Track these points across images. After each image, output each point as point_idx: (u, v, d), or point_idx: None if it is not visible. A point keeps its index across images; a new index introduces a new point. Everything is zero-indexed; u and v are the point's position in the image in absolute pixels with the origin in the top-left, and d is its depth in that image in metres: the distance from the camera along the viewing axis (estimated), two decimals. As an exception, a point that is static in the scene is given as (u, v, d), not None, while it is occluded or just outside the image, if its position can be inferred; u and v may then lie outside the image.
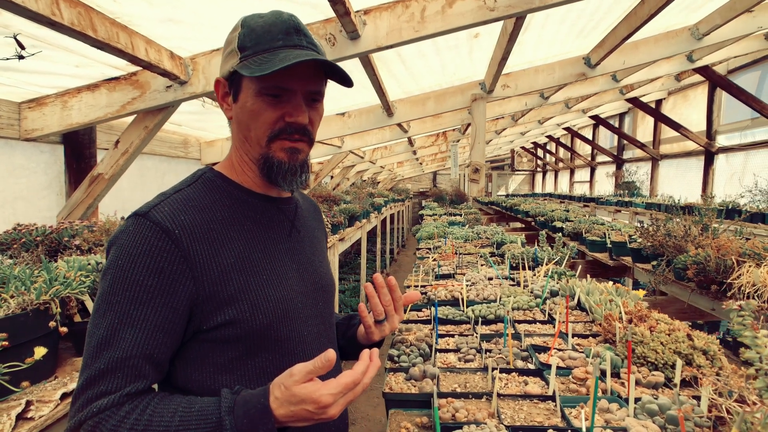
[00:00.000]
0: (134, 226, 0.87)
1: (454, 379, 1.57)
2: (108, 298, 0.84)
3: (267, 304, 0.93)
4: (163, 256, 0.85)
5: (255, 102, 0.94)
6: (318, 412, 0.79)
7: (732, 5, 3.82)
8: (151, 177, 4.30)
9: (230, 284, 0.90)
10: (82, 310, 1.70)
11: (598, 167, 14.13)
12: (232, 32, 0.97)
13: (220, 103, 1.00)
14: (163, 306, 0.84)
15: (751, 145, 7.27)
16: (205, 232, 0.90)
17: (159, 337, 0.84)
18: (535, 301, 2.40)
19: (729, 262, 2.75)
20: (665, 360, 1.53)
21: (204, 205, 0.94)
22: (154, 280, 0.84)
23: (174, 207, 0.90)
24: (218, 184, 0.99)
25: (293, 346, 0.98)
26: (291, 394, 0.79)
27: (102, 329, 0.82)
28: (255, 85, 0.93)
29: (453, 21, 2.43)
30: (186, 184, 0.97)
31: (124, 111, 2.72)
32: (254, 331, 0.91)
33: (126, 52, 2.13)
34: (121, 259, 0.84)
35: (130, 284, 0.83)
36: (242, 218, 0.98)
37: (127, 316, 0.82)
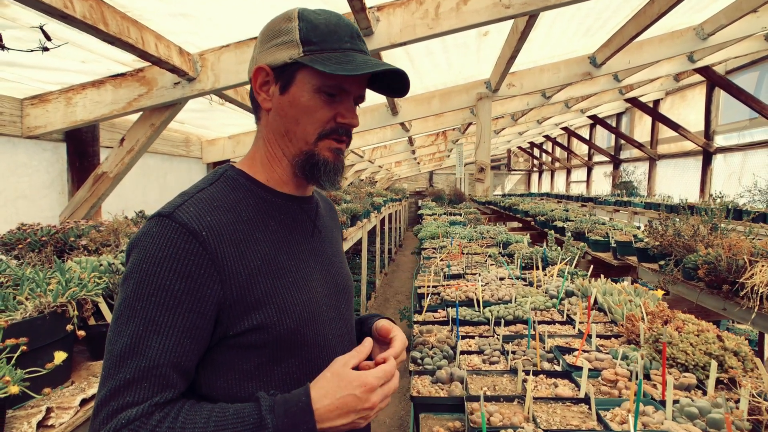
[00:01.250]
0: (158, 228, 0.82)
1: (481, 381, 1.54)
2: (132, 304, 0.79)
3: (294, 308, 0.90)
4: (190, 259, 0.81)
5: (312, 98, 0.91)
6: (363, 398, 0.82)
7: (738, 5, 3.83)
8: (153, 176, 4.23)
9: (257, 288, 0.87)
10: (96, 313, 1.65)
11: (595, 167, 14.19)
12: (282, 22, 0.92)
13: (257, 92, 0.94)
14: (191, 311, 0.81)
15: (749, 146, 7.32)
16: (231, 233, 0.87)
17: (187, 344, 0.81)
18: (551, 302, 2.37)
19: (741, 262, 2.74)
20: (696, 361, 1.51)
21: (228, 205, 0.90)
22: (182, 284, 0.80)
23: (199, 207, 0.86)
24: (241, 182, 0.95)
25: (318, 351, 0.95)
26: (340, 378, 0.82)
27: (126, 337, 0.78)
28: (317, 81, 0.90)
29: (468, 18, 2.40)
30: (208, 183, 0.93)
31: (131, 108, 2.66)
32: (281, 336, 0.88)
33: (136, 47, 2.08)
34: (146, 263, 0.80)
35: (155, 289, 0.79)
36: (267, 218, 0.94)
37: (153, 323, 0.78)
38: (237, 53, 2.58)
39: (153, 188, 4.24)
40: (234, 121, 4.63)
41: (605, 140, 13.38)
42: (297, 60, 0.89)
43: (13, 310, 1.32)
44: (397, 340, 1.01)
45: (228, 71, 2.59)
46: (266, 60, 0.92)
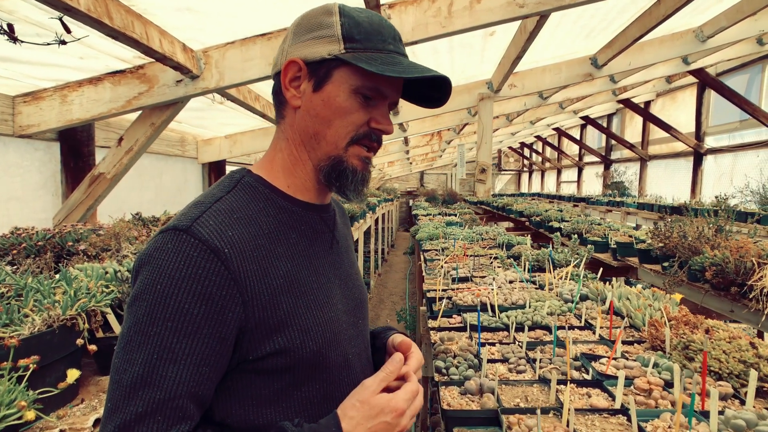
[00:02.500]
0: (175, 244, 0.74)
1: (510, 392, 1.49)
2: (143, 329, 0.71)
3: (317, 329, 0.83)
4: (211, 279, 0.73)
5: (348, 98, 0.84)
6: (395, 423, 0.80)
7: (740, 7, 3.85)
8: (148, 176, 4.11)
9: (280, 308, 0.79)
10: (104, 325, 1.56)
11: (586, 167, 14.32)
12: (320, 15, 0.85)
13: (285, 87, 0.86)
14: (210, 337, 0.73)
15: (739, 147, 7.43)
16: (253, 249, 0.79)
17: (205, 372, 0.73)
18: (566, 306, 2.34)
19: (749, 264, 2.74)
20: (730, 369, 1.47)
21: (249, 217, 0.82)
22: (201, 307, 0.72)
23: (219, 220, 0.78)
24: (260, 190, 0.87)
25: (339, 372, 0.88)
26: (370, 406, 0.78)
27: (137, 365, 0.69)
28: (356, 81, 0.83)
29: (481, 17, 2.35)
30: (224, 191, 0.84)
31: (130, 106, 2.56)
32: (303, 360, 0.81)
33: (141, 42, 1.99)
34: (161, 283, 0.72)
35: (172, 313, 0.71)
36: (288, 230, 0.86)
37: (169, 351, 0.70)
38: (243, 50, 2.49)
39: (148, 189, 4.12)
40: (231, 121, 4.53)
41: (596, 141, 13.50)
42: (337, 56, 0.82)
43: (19, 324, 1.23)
44: (414, 358, 0.94)
45: (233, 69, 2.50)
46: (300, 53, 0.84)
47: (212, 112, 4.08)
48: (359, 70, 0.82)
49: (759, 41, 5.78)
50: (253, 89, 3.58)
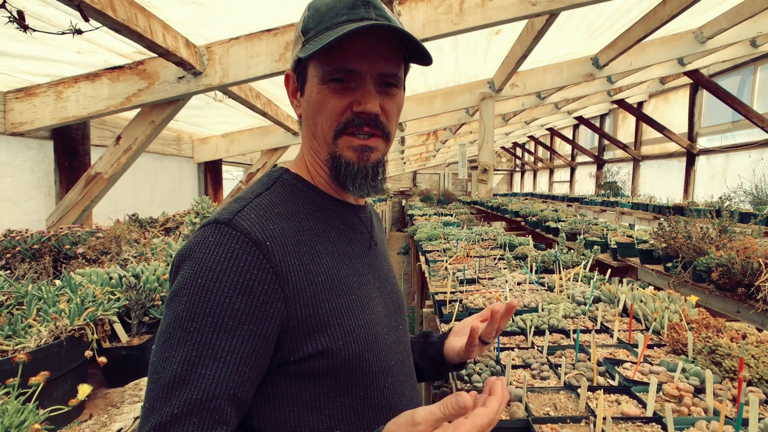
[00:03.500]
0: (216, 237, 0.72)
1: (537, 400, 1.44)
2: (183, 325, 0.68)
3: (359, 330, 0.80)
4: (252, 273, 0.70)
5: (320, 91, 0.81)
6: None
7: (740, 9, 3.86)
8: (143, 175, 4.00)
9: (322, 307, 0.76)
10: (111, 335, 1.48)
11: (578, 167, 14.40)
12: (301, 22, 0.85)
13: (291, 100, 0.89)
14: (251, 334, 0.70)
15: (731, 148, 7.51)
16: (294, 244, 0.77)
17: (245, 372, 0.70)
18: (580, 308, 2.30)
19: (755, 265, 2.73)
20: (760, 374, 1.44)
21: (289, 213, 0.80)
22: (242, 302, 0.69)
23: (260, 214, 0.76)
24: (299, 188, 0.86)
25: (383, 379, 0.84)
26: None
27: (175, 364, 0.67)
28: (318, 70, 0.80)
29: (493, 15, 2.31)
30: (264, 188, 0.83)
31: (130, 104, 2.47)
32: (346, 362, 0.78)
33: (144, 36, 1.90)
34: (201, 278, 0.69)
35: (212, 308, 0.68)
36: (327, 228, 0.85)
37: (209, 348, 0.68)
38: (247, 46, 2.41)
39: (144, 189, 4.01)
40: (228, 119, 4.43)
41: (588, 141, 13.59)
42: (297, 54, 0.81)
43: (23, 336, 1.15)
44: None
45: (237, 66, 2.42)
46: (291, 65, 0.87)
47: (209, 110, 3.98)
48: (318, 60, 0.79)
49: (753, 43, 5.84)
50: (254, 87, 3.50)
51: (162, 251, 2.41)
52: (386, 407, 0.82)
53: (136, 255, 2.28)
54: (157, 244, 2.50)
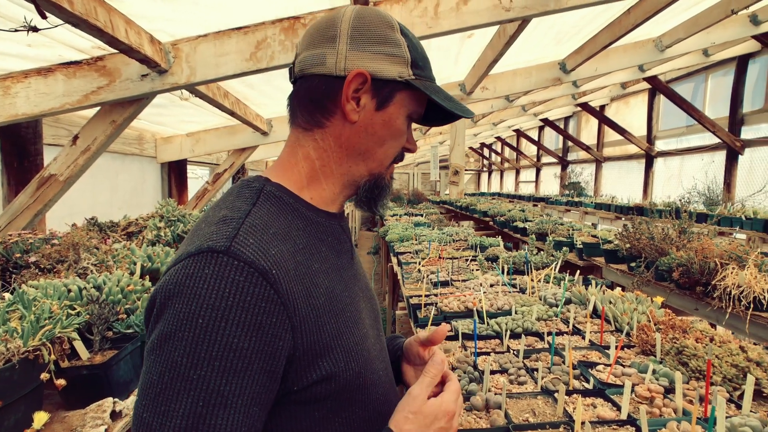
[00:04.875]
0: (214, 268, 0.64)
1: (516, 406, 1.45)
2: (184, 373, 0.61)
3: (356, 348, 0.78)
4: (261, 306, 0.64)
5: (403, 123, 0.84)
6: (448, 426, 0.80)
7: (696, 21, 4.05)
8: (102, 176, 3.80)
9: (324, 330, 0.73)
10: (70, 352, 1.38)
11: (544, 168, 14.80)
12: (384, 27, 0.80)
13: (348, 98, 0.78)
14: (261, 372, 0.65)
15: (686, 151, 7.89)
16: (294, 267, 0.72)
17: (255, 413, 0.65)
18: (552, 311, 2.34)
19: (712, 265, 2.86)
20: (724, 374, 1.50)
21: (283, 232, 0.75)
22: (252, 340, 0.64)
23: (258, 238, 0.69)
24: (285, 200, 0.80)
25: (375, 391, 0.82)
26: (424, 415, 0.77)
27: (178, 418, 0.60)
28: (413, 106, 0.84)
29: (467, 19, 2.31)
30: (250, 203, 0.76)
31: (88, 102, 2.32)
32: (347, 383, 0.75)
33: (105, 32, 1.79)
34: (203, 317, 0.62)
35: (219, 351, 0.62)
36: (318, 243, 0.81)
37: (218, 395, 0.61)
38: (216, 44, 2.32)
39: (102, 190, 3.80)
40: (193, 118, 4.28)
41: (553, 142, 13.98)
42: (408, 80, 0.79)
43: (-30, 358, 1.05)
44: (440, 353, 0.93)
45: (206, 64, 2.32)
46: (366, 66, 0.77)
47: (174, 109, 3.83)
48: (416, 96, 0.83)
49: (705, 53, 6.15)
50: (223, 85, 3.38)
51: (125, 258, 2.29)
52: (377, 418, 0.81)
53: (96, 263, 2.15)
54: (119, 250, 2.37)
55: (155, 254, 2.41)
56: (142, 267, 2.27)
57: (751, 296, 2.49)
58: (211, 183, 4.96)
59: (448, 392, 0.82)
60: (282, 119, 4.97)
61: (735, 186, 6.66)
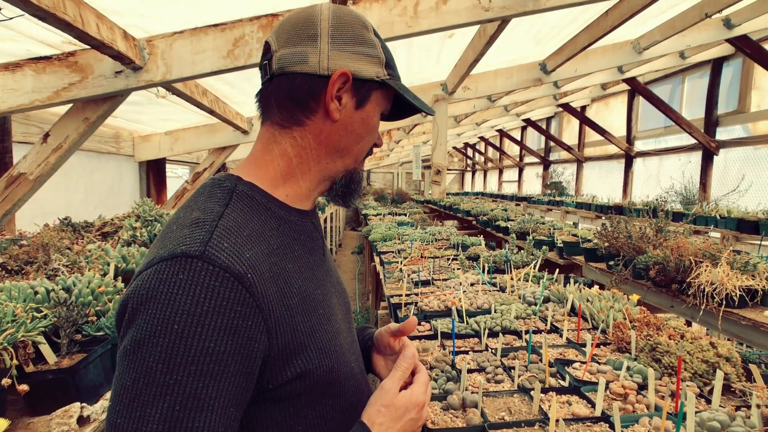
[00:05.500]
0: (189, 274, 0.63)
1: (493, 404, 1.46)
2: (159, 379, 0.61)
3: (329, 344, 0.80)
4: (236, 310, 0.65)
5: (377, 120, 0.88)
6: (418, 417, 0.85)
7: (672, 24, 4.14)
8: (76, 175, 3.70)
9: (298, 330, 0.74)
10: (35, 356, 1.34)
11: (526, 168, 14.97)
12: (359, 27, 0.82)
13: (332, 97, 0.80)
14: (237, 374, 0.65)
15: (664, 151, 8.07)
16: (269, 269, 0.72)
17: (232, 413, 0.65)
18: (531, 309, 2.36)
19: (687, 263, 2.92)
20: (695, 369, 1.53)
21: (257, 234, 0.75)
22: (228, 344, 0.64)
23: (232, 241, 0.69)
24: (258, 200, 0.79)
25: (348, 384, 0.85)
26: (395, 408, 0.81)
27: (154, 423, 0.60)
28: (385, 104, 0.88)
29: (447, 18, 2.32)
30: (223, 204, 0.75)
31: (59, 98, 2.26)
32: (320, 378, 0.77)
33: (74, 26, 1.74)
34: (177, 323, 0.62)
35: (195, 355, 0.62)
36: (291, 243, 0.81)
37: (194, 398, 0.61)
38: (193, 41, 2.28)
39: (77, 190, 3.71)
40: (172, 116, 4.20)
41: (536, 142, 14.15)
42: (384, 80, 0.83)
43: (-75, 364, 1.01)
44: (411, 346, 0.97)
45: (182, 61, 2.28)
46: (348, 66, 0.80)
47: (152, 107, 3.75)
48: (387, 94, 0.86)
49: (681, 55, 6.30)
50: (201, 83, 3.33)
51: (98, 259, 2.23)
52: (349, 409, 0.83)
53: (67, 264, 2.09)
54: (92, 250, 2.31)
55: (130, 255, 2.36)
56: (116, 268, 2.22)
57: (723, 293, 2.54)
58: (191, 182, 4.89)
59: (418, 384, 0.87)
60: (263, 118, 4.91)
61: (710, 186, 6.83)
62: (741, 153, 6.30)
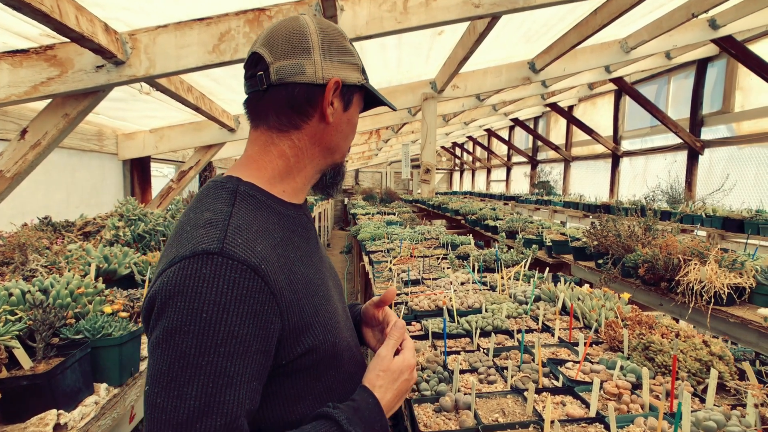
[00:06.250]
0: (211, 268, 0.73)
1: (486, 405, 1.43)
2: (193, 362, 0.70)
3: (330, 321, 0.91)
4: (255, 297, 0.75)
5: (357, 118, 1.01)
6: (410, 378, 0.96)
7: (659, 24, 4.17)
8: (57, 174, 3.59)
9: (304, 311, 0.85)
10: (9, 361, 1.27)
11: (514, 167, 15.05)
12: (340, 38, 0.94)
13: (328, 103, 0.92)
14: (258, 352, 0.76)
15: (650, 151, 8.16)
16: (276, 259, 0.83)
17: (255, 387, 0.76)
18: (522, 308, 2.35)
19: (675, 261, 2.94)
20: (689, 368, 1.53)
21: (263, 229, 0.85)
22: (250, 326, 0.74)
23: (244, 237, 0.79)
24: (259, 199, 0.89)
25: (347, 355, 0.96)
26: (391, 371, 0.93)
27: (191, 399, 0.69)
28: (361, 105, 1.01)
29: (437, 15, 2.28)
30: (230, 204, 0.84)
31: (37, 93, 2.18)
32: (325, 353, 0.88)
33: (52, 17, 1.67)
34: (206, 312, 0.71)
35: (224, 338, 0.71)
36: (291, 234, 0.92)
37: (225, 375, 0.71)
38: (177, 35, 2.21)
39: (58, 189, 3.60)
40: (157, 113, 4.10)
41: (523, 142, 14.23)
42: (363, 84, 0.96)
43: None
44: (393, 315, 1.11)
45: (166, 56, 2.21)
46: (338, 74, 0.91)
47: (136, 103, 3.66)
48: (362, 95, 0.99)
49: (667, 55, 6.37)
50: (186, 79, 3.25)
51: (79, 259, 2.16)
52: (349, 379, 0.94)
53: (46, 264, 2.02)
54: (73, 250, 2.23)
55: (112, 255, 2.29)
56: (97, 268, 2.14)
57: (711, 291, 2.56)
58: (176, 181, 4.79)
59: (407, 350, 0.99)
60: (251, 116, 4.83)
61: (695, 185, 6.92)
62: (725, 152, 6.40)
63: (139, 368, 1.62)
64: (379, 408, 0.87)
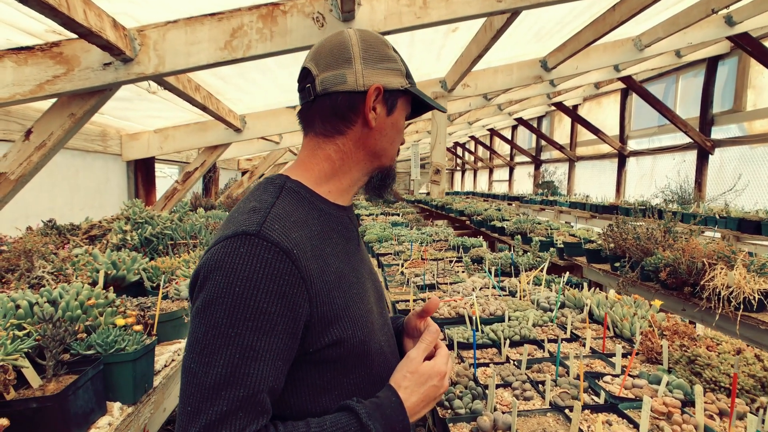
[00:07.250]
0: (248, 248, 0.79)
1: (526, 425, 1.34)
2: (224, 331, 0.75)
3: (362, 320, 0.92)
4: (284, 279, 0.79)
5: (403, 122, 1.01)
6: (440, 385, 0.94)
7: (675, 20, 4.08)
8: (61, 176, 3.49)
9: (334, 303, 0.87)
10: (18, 381, 1.18)
11: (517, 167, 14.96)
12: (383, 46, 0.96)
13: (369, 108, 0.94)
14: (285, 332, 0.79)
15: (658, 150, 8.07)
16: (311, 249, 0.86)
17: (280, 367, 0.79)
18: (547, 315, 2.26)
19: (699, 265, 2.84)
20: (741, 385, 1.43)
21: (302, 220, 0.89)
22: (277, 306, 0.78)
23: (282, 224, 0.84)
24: (303, 195, 0.94)
25: (378, 359, 0.97)
26: (419, 374, 0.92)
27: (219, 366, 0.74)
28: (407, 109, 1.02)
29: (457, 9, 2.19)
30: (274, 196, 0.91)
31: (42, 92, 2.08)
32: (353, 348, 0.90)
33: (59, 11, 1.57)
34: (238, 286, 0.76)
35: (252, 313, 0.76)
36: (330, 231, 0.95)
37: (251, 349, 0.76)
38: (187, 31, 2.11)
39: (61, 191, 3.50)
40: (162, 113, 4.01)
41: (526, 141, 14.14)
42: (407, 89, 0.97)
43: None
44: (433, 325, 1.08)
45: (176, 53, 2.11)
46: (379, 80, 0.94)
47: (140, 103, 3.56)
48: (408, 99, 1.01)
49: (677, 53, 6.27)
50: (194, 78, 3.15)
51: (86, 265, 2.06)
52: (380, 381, 0.94)
53: (53, 271, 1.92)
54: (79, 256, 2.14)
55: (120, 260, 2.19)
56: (105, 275, 2.05)
57: (741, 297, 2.46)
58: (181, 182, 4.69)
59: (440, 356, 0.98)
60: (257, 115, 4.75)
61: (705, 185, 6.83)
62: (737, 152, 6.31)
63: (153, 384, 1.52)
64: (401, 408, 0.87)
